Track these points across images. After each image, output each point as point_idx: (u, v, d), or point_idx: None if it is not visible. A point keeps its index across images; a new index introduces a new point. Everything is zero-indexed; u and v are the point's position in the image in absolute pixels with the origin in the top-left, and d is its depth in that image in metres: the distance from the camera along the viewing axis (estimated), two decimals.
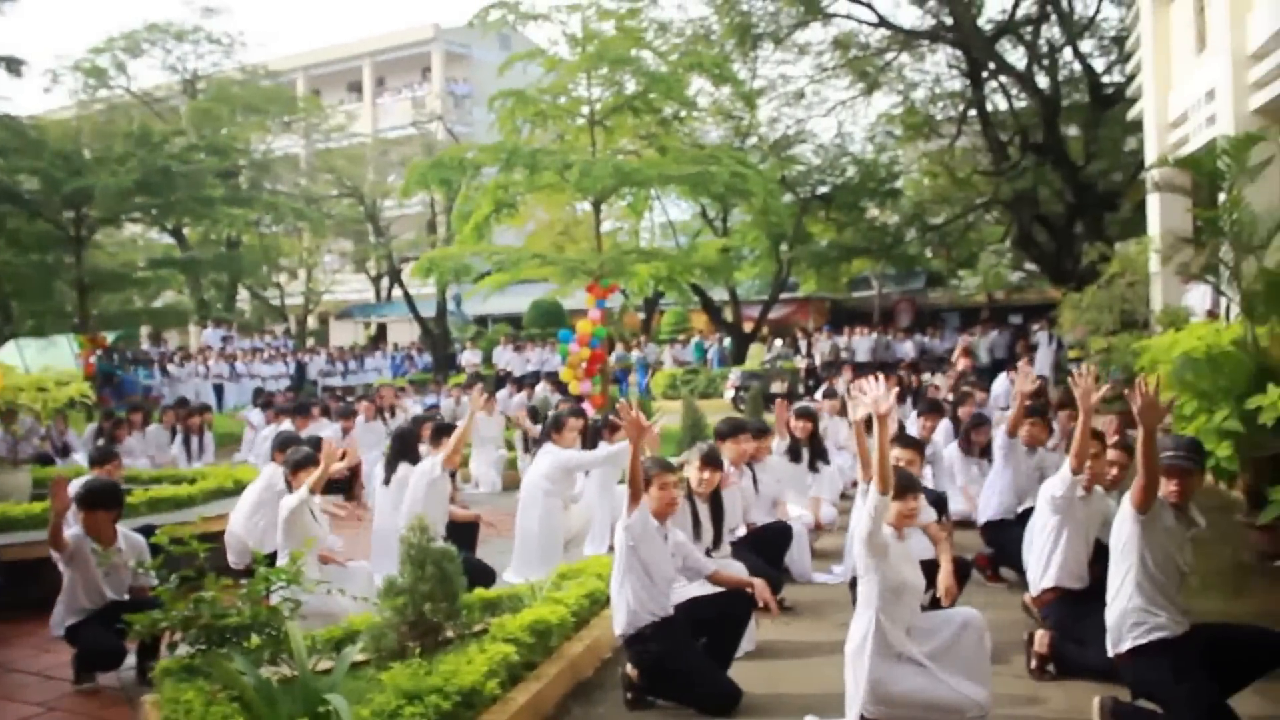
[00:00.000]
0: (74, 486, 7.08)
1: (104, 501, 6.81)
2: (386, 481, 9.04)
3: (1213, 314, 13.05)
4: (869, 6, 26.01)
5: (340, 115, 39.41)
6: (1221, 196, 9.95)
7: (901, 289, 35.58)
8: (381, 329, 43.85)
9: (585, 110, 20.30)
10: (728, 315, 31.81)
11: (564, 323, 26.86)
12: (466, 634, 6.19)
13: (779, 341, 29.28)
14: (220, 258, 33.01)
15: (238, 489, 9.92)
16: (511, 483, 13.82)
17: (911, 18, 27.60)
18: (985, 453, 9.62)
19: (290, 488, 7.53)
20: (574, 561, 8.45)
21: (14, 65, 25.02)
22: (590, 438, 10.98)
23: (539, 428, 12.60)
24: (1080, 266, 20.67)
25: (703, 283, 26.34)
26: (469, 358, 31.51)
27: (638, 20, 22.55)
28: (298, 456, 7.65)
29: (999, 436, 8.40)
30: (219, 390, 27.96)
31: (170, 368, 28.44)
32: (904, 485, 5.57)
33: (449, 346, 35.00)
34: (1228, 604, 7.41)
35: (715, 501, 7.21)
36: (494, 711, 5.38)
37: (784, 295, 32.75)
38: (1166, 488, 5.16)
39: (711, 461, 7.10)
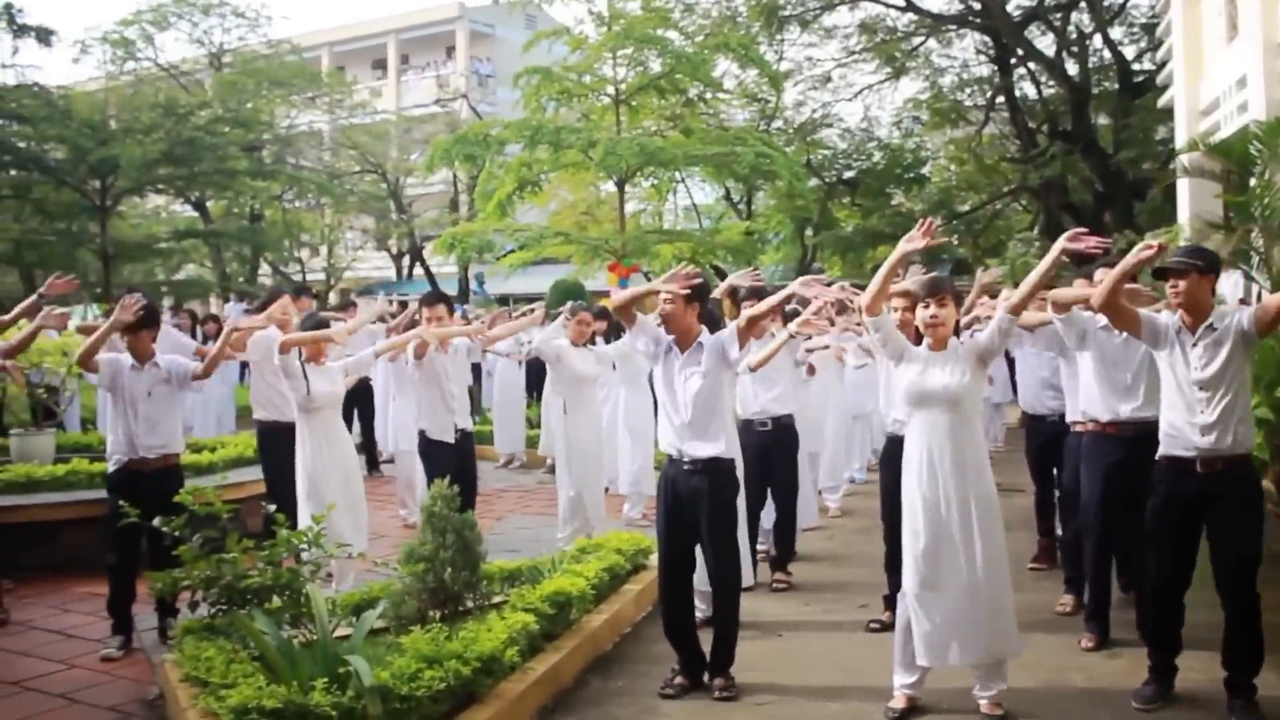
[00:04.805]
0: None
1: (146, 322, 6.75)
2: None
3: (1244, 301, 12.92)
4: None
5: (364, 92, 39.28)
6: (1252, 182, 9.83)
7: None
8: (403, 306, 43.63)
9: (610, 89, 20.28)
10: None
11: (586, 302, 26.80)
12: (485, 604, 6.19)
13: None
14: (243, 231, 32.96)
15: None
16: (537, 461, 13.48)
17: (939, 2, 27.39)
18: None
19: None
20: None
21: (44, 36, 25.20)
22: None
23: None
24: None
25: (726, 265, 26.23)
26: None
27: (664, 0, 22.48)
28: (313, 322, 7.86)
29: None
30: (243, 366, 27.97)
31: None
32: (929, 288, 5.44)
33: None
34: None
35: None
36: (512, 680, 5.37)
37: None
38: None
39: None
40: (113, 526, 6.27)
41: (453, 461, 7.76)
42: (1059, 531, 7.92)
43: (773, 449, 7.76)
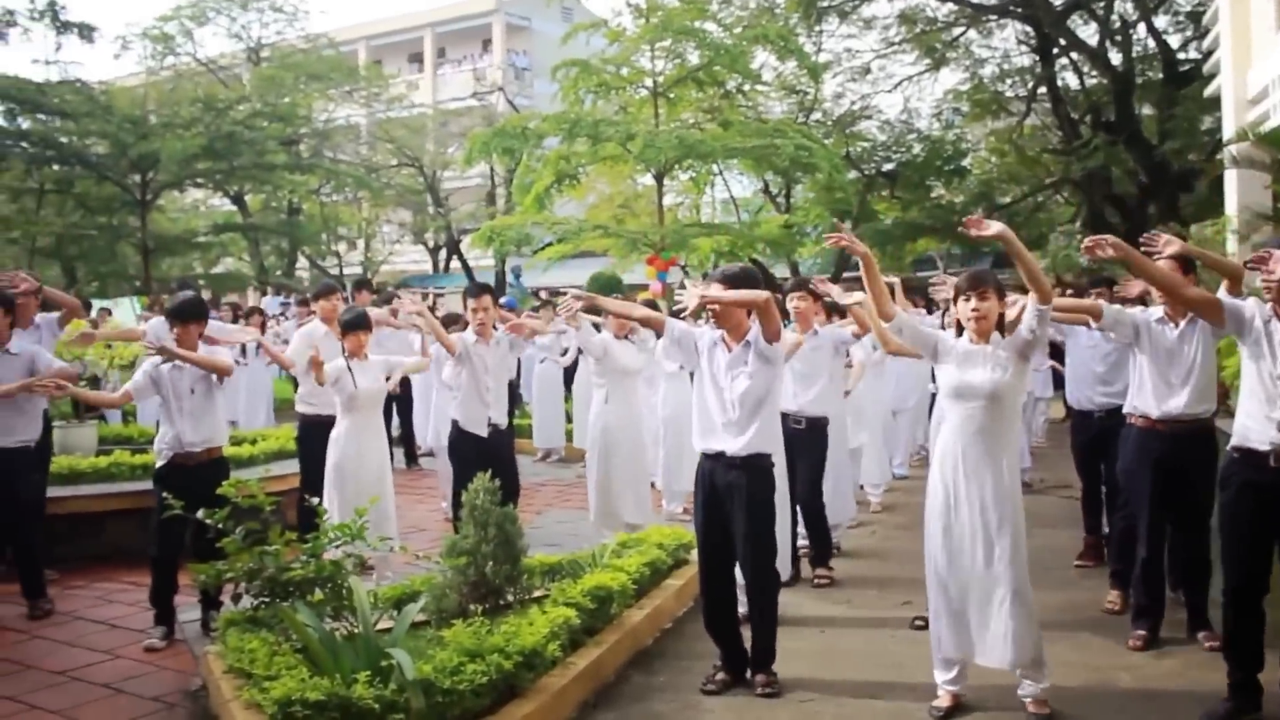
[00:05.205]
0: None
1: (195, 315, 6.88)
2: None
3: None
4: None
5: (401, 85, 39.41)
6: None
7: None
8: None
9: (648, 82, 20.19)
10: None
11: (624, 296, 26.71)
12: (526, 598, 6.17)
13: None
14: (281, 224, 33.20)
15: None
16: (574, 455, 13.30)
17: None
18: None
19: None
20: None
21: (86, 32, 25.45)
22: None
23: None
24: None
25: (765, 259, 26.11)
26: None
27: None
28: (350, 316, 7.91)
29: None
30: None
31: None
32: (970, 282, 5.35)
33: None
34: None
35: None
36: (554, 674, 5.35)
37: (847, 274, 32.40)
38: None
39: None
40: (158, 518, 6.33)
41: (480, 455, 7.69)
42: (1105, 529, 7.81)
43: (798, 449, 7.59)
